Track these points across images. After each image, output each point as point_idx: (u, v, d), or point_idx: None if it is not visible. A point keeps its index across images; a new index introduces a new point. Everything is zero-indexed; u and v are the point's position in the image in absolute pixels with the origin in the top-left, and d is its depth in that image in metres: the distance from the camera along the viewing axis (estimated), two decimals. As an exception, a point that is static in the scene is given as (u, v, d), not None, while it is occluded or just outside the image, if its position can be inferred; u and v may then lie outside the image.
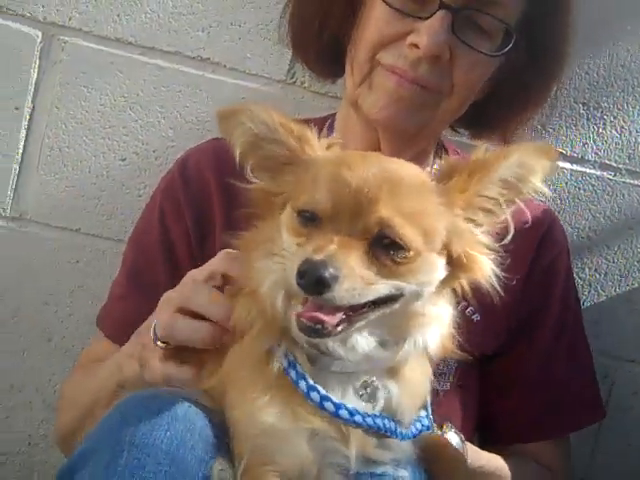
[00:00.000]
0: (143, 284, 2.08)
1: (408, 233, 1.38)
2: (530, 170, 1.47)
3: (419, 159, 2.04)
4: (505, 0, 1.89)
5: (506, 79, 2.02)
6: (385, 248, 1.38)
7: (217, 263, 1.65)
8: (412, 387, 1.54)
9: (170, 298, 1.69)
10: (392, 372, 1.51)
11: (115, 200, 2.46)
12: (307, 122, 2.17)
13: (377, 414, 1.48)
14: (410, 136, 2.01)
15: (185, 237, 2.09)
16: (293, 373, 1.46)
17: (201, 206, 2.10)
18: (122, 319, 2.09)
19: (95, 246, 2.48)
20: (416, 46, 1.87)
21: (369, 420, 1.47)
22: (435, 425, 1.63)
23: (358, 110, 2.01)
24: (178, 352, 1.65)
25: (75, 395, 2.01)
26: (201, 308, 1.61)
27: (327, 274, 1.30)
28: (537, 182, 1.48)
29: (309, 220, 1.41)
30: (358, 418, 1.46)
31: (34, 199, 2.46)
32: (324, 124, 2.16)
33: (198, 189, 2.11)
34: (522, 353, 2.10)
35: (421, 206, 1.43)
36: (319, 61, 2.16)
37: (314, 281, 1.31)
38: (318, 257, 1.32)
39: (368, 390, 1.49)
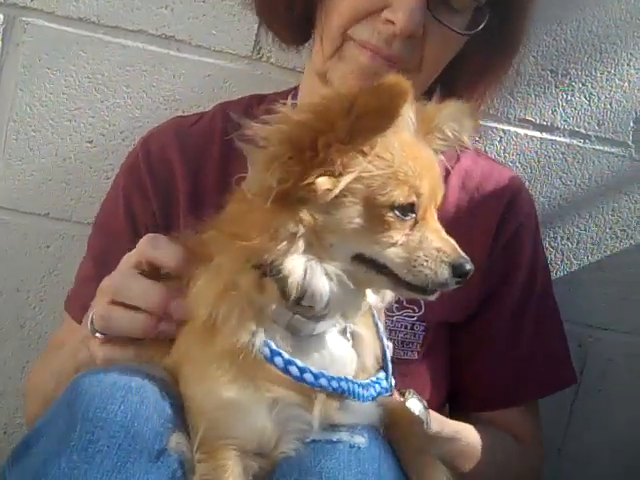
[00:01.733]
0: (110, 269, 2.06)
1: None
2: (462, 126, 1.57)
3: None
4: None
5: (468, 48, 2.01)
6: None
7: (143, 250, 1.64)
8: (366, 343, 1.56)
9: (104, 287, 1.68)
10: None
11: (83, 183, 2.44)
12: (270, 97, 2.19)
13: (334, 376, 1.48)
14: None
15: (151, 220, 2.08)
16: (266, 350, 1.46)
17: (166, 187, 2.08)
18: (88, 303, 2.07)
19: (65, 231, 2.46)
20: (392, 22, 1.84)
21: (333, 383, 1.47)
22: (397, 391, 1.63)
23: (326, 82, 1.99)
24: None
25: (40, 381, 2.00)
26: (132, 300, 1.61)
27: (471, 266, 1.46)
28: (466, 138, 1.59)
29: (407, 212, 1.44)
30: (323, 381, 1.46)
31: (1, 185, 2.43)
32: (287, 97, 2.15)
33: (162, 170, 2.09)
34: (490, 320, 2.10)
35: None
36: (287, 29, 2.12)
37: (466, 273, 1.45)
38: (461, 253, 1.46)
39: (347, 332, 1.52)
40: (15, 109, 2.39)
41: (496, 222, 2.08)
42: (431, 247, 1.45)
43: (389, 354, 1.60)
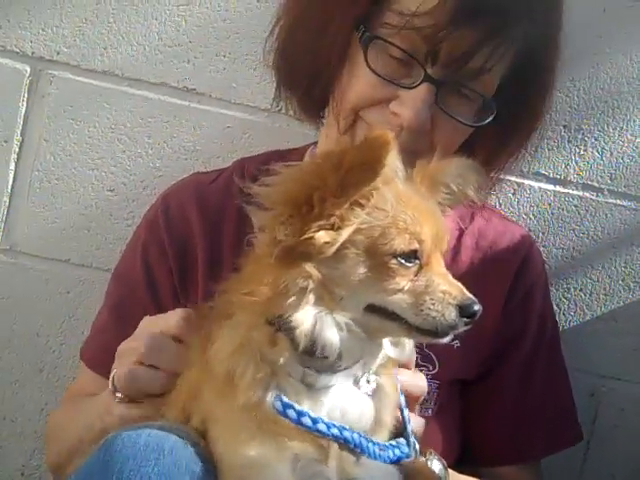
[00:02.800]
0: (126, 318, 2.08)
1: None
2: (466, 181, 1.63)
3: None
4: (486, 78, 1.88)
5: (487, 129, 2.01)
6: None
7: (174, 325, 1.69)
8: (387, 397, 1.59)
9: (128, 350, 1.73)
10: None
11: (104, 230, 2.49)
12: (282, 153, 2.23)
13: (347, 427, 1.51)
14: None
15: (168, 276, 2.11)
16: (278, 404, 1.48)
17: (184, 244, 2.11)
18: (103, 350, 2.10)
19: (85, 276, 2.50)
20: (399, 115, 1.87)
21: (346, 433, 1.49)
22: (418, 451, 1.65)
23: None
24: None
25: (62, 429, 2.02)
26: (164, 365, 1.66)
27: (479, 306, 1.50)
28: (471, 192, 1.65)
29: (411, 259, 1.48)
30: (335, 431, 1.49)
31: (24, 231, 2.48)
32: (301, 154, 2.20)
33: (180, 228, 2.13)
34: (499, 377, 2.12)
35: None
36: (304, 105, 2.15)
37: (474, 314, 1.49)
38: (468, 294, 1.50)
39: (365, 380, 1.55)
40: (39, 158, 2.45)
41: (510, 281, 2.12)
42: (437, 290, 1.48)
43: (408, 417, 1.62)
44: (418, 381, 1.73)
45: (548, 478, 2.26)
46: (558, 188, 2.49)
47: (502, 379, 2.11)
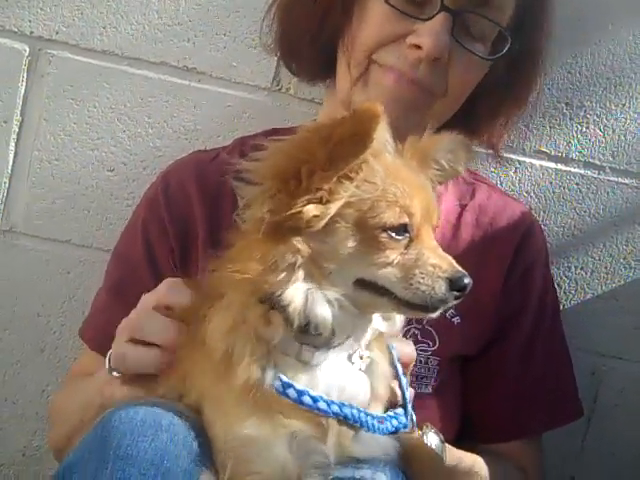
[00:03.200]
0: (126, 297, 2.07)
1: None
2: (456, 157, 1.63)
3: None
4: (502, 4, 1.92)
5: (489, 81, 2.05)
6: None
7: (163, 294, 1.69)
8: (380, 371, 1.59)
9: (123, 328, 1.74)
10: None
11: (105, 211, 2.48)
12: (281, 131, 2.23)
13: (346, 403, 1.51)
14: (400, 137, 2.03)
15: (169, 254, 2.11)
16: (277, 383, 1.48)
17: (184, 222, 2.11)
18: (104, 331, 2.09)
19: (85, 257, 2.50)
20: (418, 47, 1.88)
21: (345, 410, 1.49)
22: (415, 425, 1.66)
23: (350, 109, 2.02)
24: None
25: (64, 409, 2.03)
26: (148, 337, 1.66)
27: (469, 279, 1.48)
28: (461, 168, 1.66)
29: (401, 232, 1.47)
30: (335, 408, 1.49)
31: (24, 212, 2.47)
32: None
33: (181, 205, 2.12)
34: (499, 354, 2.13)
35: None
36: (310, 68, 2.16)
37: (464, 287, 1.47)
38: (458, 268, 1.48)
39: (362, 358, 1.55)
40: (39, 138, 2.44)
41: (509, 257, 2.12)
42: (427, 264, 1.47)
43: (407, 388, 1.62)
44: (405, 348, 1.73)
45: (549, 457, 2.28)
46: (559, 166, 2.48)
47: (503, 355, 2.12)
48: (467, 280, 1.47)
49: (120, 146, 2.46)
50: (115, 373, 1.72)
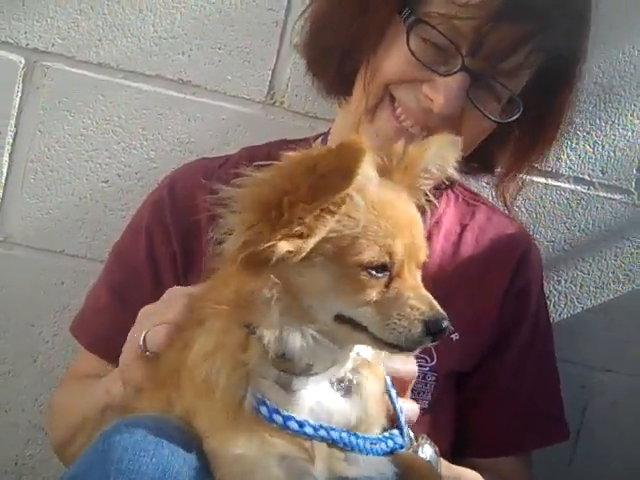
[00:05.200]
0: (127, 301, 2.10)
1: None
2: (445, 160, 1.60)
3: None
4: (520, 74, 1.92)
5: (508, 135, 2.06)
6: None
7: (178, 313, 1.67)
8: (369, 394, 1.58)
9: (156, 312, 1.72)
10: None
11: (98, 222, 2.49)
12: (289, 142, 2.24)
13: (334, 427, 1.50)
14: None
15: (172, 259, 2.12)
16: (261, 407, 1.48)
17: (189, 228, 2.11)
18: (103, 333, 2.12)
19: (79, 267, 2.51)
20: (430, 99, 1.89)
21: (334, 434, 1.50)
22: (413, 439, 1.67)
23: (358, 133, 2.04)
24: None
25: (65, 409, 2.05)
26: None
27: (447, 323, 1.44)
28: (451, 170, 1.62)
29: (381, 270, 1.44)
30: (323, 432, 1.49)
31: (18, 222, 2.49)
32: (310, 144, 2.21)
33: (186, 210, 2.12)
34: (492, 371, 2.15)
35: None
36: (335, 83, 2.15)
37: (441, 331, 1.43)
38: (439, 309, 1.44)
39: (344, 383, 1.54)
40: (34, 150, 2.46)
41: (507, 277, 2.15)
42: (405, 305, 1.44)
43: (400, 408, 1.63)
44: (406, 366, 1.72)
45: (538, 470, 2.29)
46: (550, 181, 2.51)
47: (496, 372, 2.14)
48: (445, 324, 1.43)
49: (114, 158, 2.47)
50: (148, 353, 1.69)
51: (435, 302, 1.46)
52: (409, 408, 1.70)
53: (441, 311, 1.44)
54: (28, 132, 2.45)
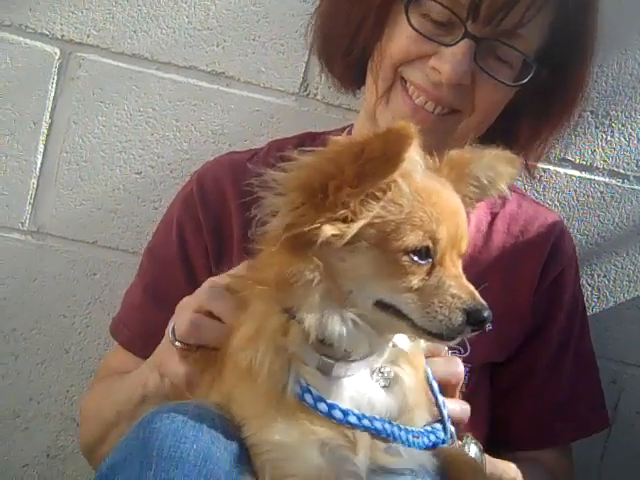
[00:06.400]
0: (161, 297, 2.11)
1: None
2: (498, 174, 1.60)
3: None
4: (526, 33, 1.92)
5: (528, 99, 2.06)
6: None
7: (201, 300, 1.68)
8: (407, 386, 1.58)
9: (189, 302, 1.73)
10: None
11: (131, 213, 2.50)
12: (316, 135, 2.25)
13: (377, 417, 1.50)
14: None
15: (203, 252, 2.12)
16: (305, 394, 1.48)
17: (219, 221, 2.12)
18: (139, 330, 2.13)
19: (111, 259, 2.52)
20: (438, 71, 1.91)
21: (377, 424, 1.49)
22: (455, 439, 1.65)
23: (374, 124, 2.05)
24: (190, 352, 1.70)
25: (97, 408, 2.04)
26: (220, 312, 1.65)
27: (488, 312, 1.45)
28: (502, 186, 1.61)
29: (424, 257, 1.44)
30: (366, 422, 1.49)
31: (52, 213, 2.49)
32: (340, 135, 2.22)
33: (216, 204, 2.13)
34: (530, 359, 2.14)
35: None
36: (345, 73, 2.18)
37: (482, 321, 1.44)
38: (479, 300, 1.44)
39: (383, 374, 1.54)
40: (68, 141, 2.47)
41: (541, 265, 2.13)
42: (447, 293, 1.44)
43: (442, 402, 1.62)
44: (452, 368, 1.72)
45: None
46: (584, 174, 2.50)
47: (532, 362, 2.14)
48: (486, 314, 1.44)
49: (148, 149, 2.48)
50: (178, 344, 1.70)
51: (476, 292, 1.46)
52: (461, 408, 1.70)
53: (482, 301, 1.44)
54: (62, 123, 2.46)
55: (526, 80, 1.96)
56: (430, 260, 1.45)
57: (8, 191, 2.47)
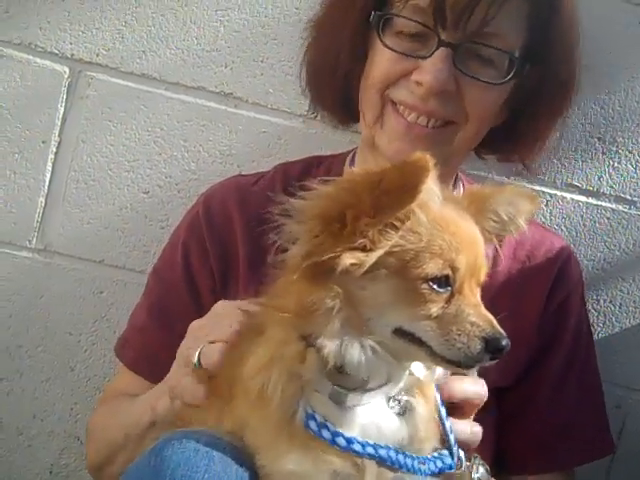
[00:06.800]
0: (166, 318, 2.12)
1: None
2: (518, 210, 1.61)
3: None
4: (503, 31, 1.94)
5: (520, 102, 2.06)
6: None
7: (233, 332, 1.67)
8: (420, 416, 1.57)
9: (202, 327, 1.73)
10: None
11: (138, 232, 2.51)
12: (322, 159, 2.25)
13: (382, 445, 1.50)
14: None
15: (209, 275, 2.12)
16: (312, 423, 1.48)
17: (225, 244, 2.13)
18: (143, 351, 2.14)
19: (118, 277, 2.52)
20: (421, 83, 1.93)
21: (381, 452, 1.49)
22: (462, 463, 1.65)
23: (375, 150, 2.06)
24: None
25: (104, 429, 2.04)
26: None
27: (507, 341, 1.46)
28: (522, 222, 1.62)
29: (443, 285, 1.45)
30: (370, 450, 1.48)
31: (59, 231, 2.50)
32: (344, 159, 2.23)
33: (222, 227, 2.14)
34: (533, 384, 2.14)
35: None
36: (335, 107, 2.21)
37: (500, 349, 1.45)
38: (498, 329, 1.45)
39: (399, 402, 1.54)
40: (76, 159, 2.48)
41: (547, 290, 2.13)
42: (466, 321, 1.45)
43: (449, 428, 1.62)
44: (477, 388, 1.73)
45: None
46: (591, 200, 2.50)
47: (537, 386, 2.13)
48: (504, 342, 1.44)
49: (156, 169, 2.49)
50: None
51: (495, 321, 1.46)
52: (471, 430, 1.70)
53: (501, 330, 1.45)
54: (71, 142, 2.47)
55: (510, 76, 1.96)
56: (449, 288, 1.46)
57: (16, 209, 2.48)
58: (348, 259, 1.41)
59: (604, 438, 2.24)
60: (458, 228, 1.49)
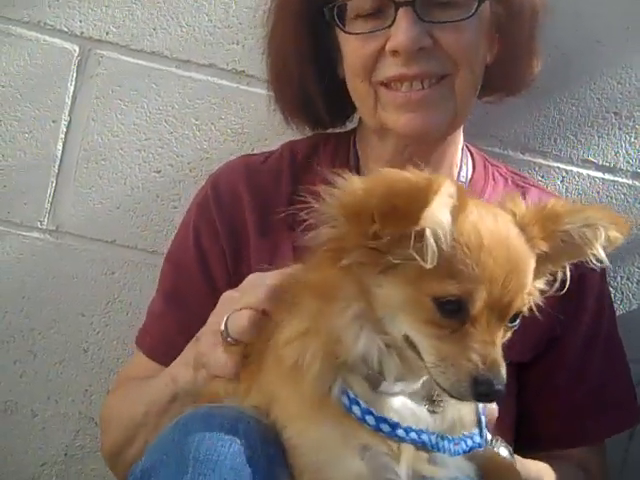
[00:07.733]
0: (181, 301, 2.11)
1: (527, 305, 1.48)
2: (596, 235, 1.48)
3: (444, 162, 2.11)
4: None
5: (501, 32, 2.06)
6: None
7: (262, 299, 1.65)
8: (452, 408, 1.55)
9: (233, 296, 1.73)
10: None
11: (150, 212, 2.49)
12: (328, 137, 2.23)
13: (424, 430, 1.49)
14: (442, 134, 2.05)
15: (220, 256, 2.11)
16: (353, 406, 1.47)
17: (235, 223, 2.12)
18: (161, 337, 2.13)
19: (130, 258, 2.50)
20: (396, 50, 1.92)
21: (412, 434, 1.48)
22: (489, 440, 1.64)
23: (387, 133, 2.05)
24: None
25: (121, 411, 2.02)
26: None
27: (500, 387, 1.37)
28: (600, 251, 1.49)
29: (454, 310, 1.38)
30: (400, 432, 1.47)
31: (70, 211, 2.48)
32: (350, 138, 2.20)
33: (231, 207, 2.13)
34: (556, 360, 2.12)
35: (530, 273, 1.47)
36: (300, 114, 2.21)
37: (489, 394, 1.38)
38: (498, 372, 1.37)
39: (434, 402, 1.52)
40: (87, 139, 2.45)
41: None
42: (462, 355, 1.38)
43: (482, 409, 1.60)
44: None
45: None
46: (607, 176, 2.47)
47: (558, 361, 2.11)
48: (496, 388, 1.36)
49: (167, 147, 2.46)
50: (230, 339, 1.66)
51: (500, 365, 1.39)
52: (489, 408, 1.67)
53: (500, 374, 1.38)
54: (81, 121, 2.44)
55: (476, 8, 1.94)
56: (459, 316, 1.38)
57: (27, 189, 2.46)
58: (362, 257, 1.40)
59: (632, 408, 2.22)
60: (493, 254, 1.38)
